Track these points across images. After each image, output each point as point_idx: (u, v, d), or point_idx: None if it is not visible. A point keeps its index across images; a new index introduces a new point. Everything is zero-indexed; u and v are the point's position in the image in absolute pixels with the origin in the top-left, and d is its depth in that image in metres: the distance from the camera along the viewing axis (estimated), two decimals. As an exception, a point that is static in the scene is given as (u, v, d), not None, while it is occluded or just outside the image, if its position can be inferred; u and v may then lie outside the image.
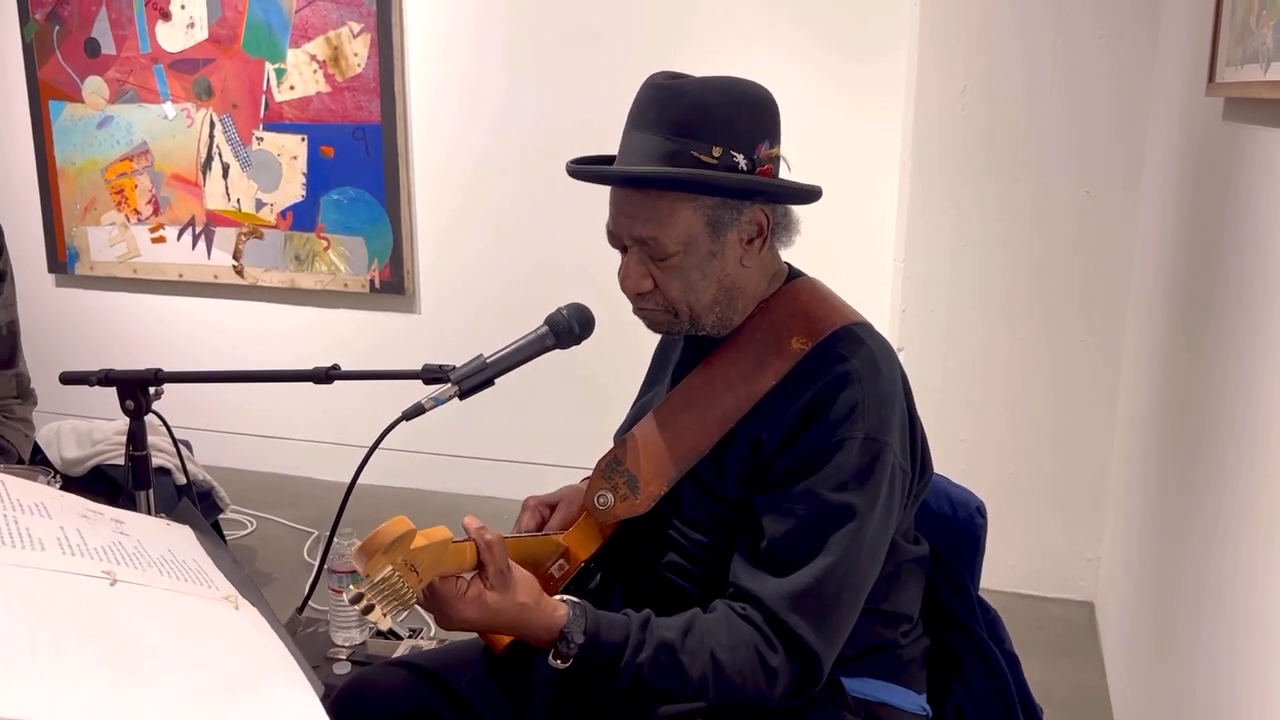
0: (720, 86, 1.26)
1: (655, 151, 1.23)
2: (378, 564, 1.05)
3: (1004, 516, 2.79)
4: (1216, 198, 1.85)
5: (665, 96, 1.24)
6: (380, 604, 1.05)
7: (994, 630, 1.50)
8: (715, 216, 1.25)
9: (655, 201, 1.24)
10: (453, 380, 1.33)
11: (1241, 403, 1.56)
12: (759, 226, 1.29)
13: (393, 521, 1.06)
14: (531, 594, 1.18)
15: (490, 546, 1.15)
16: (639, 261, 1.28)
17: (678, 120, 1.23)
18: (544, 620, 1.18)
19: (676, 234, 1.25)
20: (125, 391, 1.49)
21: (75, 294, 4.16)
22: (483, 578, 1.16)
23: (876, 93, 3.13)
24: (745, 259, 1.30)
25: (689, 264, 1.26)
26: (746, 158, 1.25)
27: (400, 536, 1.05)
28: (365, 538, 1.05)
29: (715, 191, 1.24)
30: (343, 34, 3.53)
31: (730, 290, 1.30)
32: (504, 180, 3.54)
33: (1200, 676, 1.66)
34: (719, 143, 1.23)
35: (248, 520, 3.50)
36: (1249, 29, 1.59)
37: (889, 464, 1.24)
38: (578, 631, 1.17)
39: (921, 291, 2.93)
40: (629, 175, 1.25)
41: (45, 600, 0.88)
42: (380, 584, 1.05)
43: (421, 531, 1.08)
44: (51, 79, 3.93)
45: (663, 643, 1.18)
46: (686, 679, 1.19)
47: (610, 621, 1.20)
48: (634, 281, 1.29)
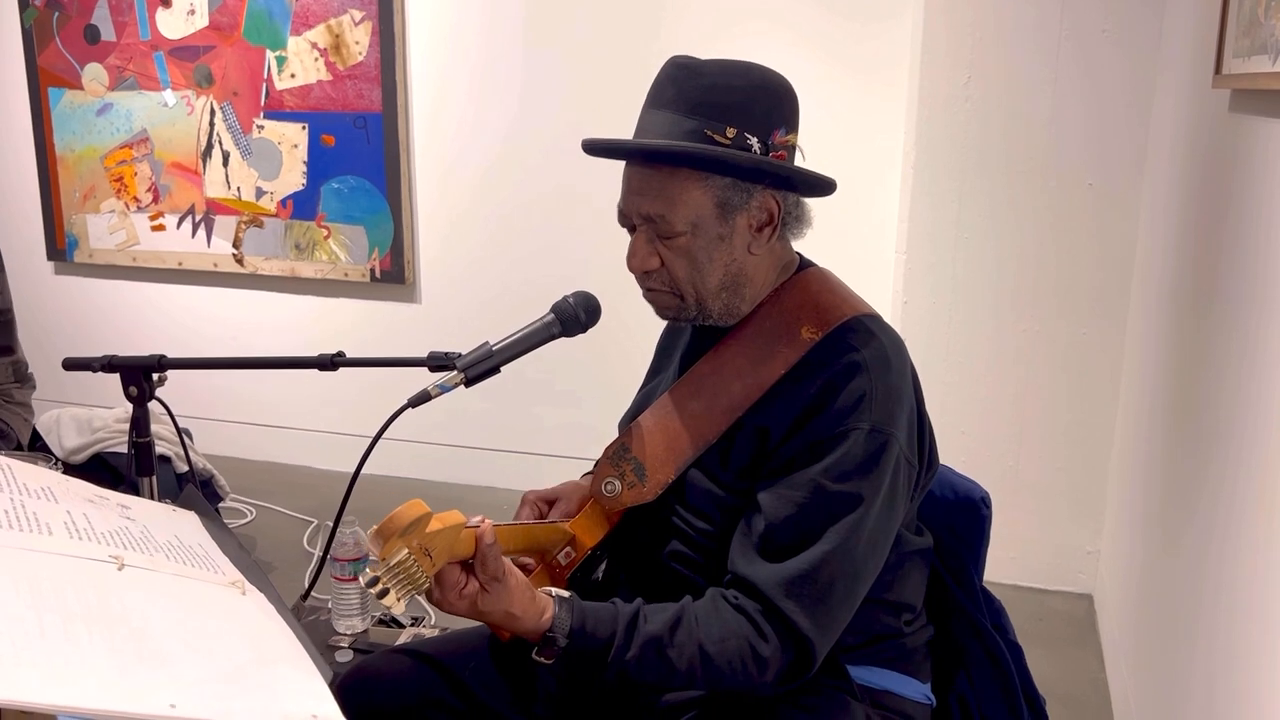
0: (740, 70, 1.27)
1: (671, 129, 1.24)
2: (394, 547, 1.04)
3: (1004, 509, 2.79)
4: (1222, 189, 1.85)
5: (683, 76, 1.25)
6: (395, 588, 1.05)
7: (998, 620, 1.50)
8: (725, 199, 1.25)
9: (666, 179, 1.25)
10: (459, 368, 1.33)
11: (1244, 396, 1.56)
12: (769, 214, 1.29)
13: (409, 505, 1.05)
14: (520, 604, 1.18)
15: (484, 557, 1.15)
16: (647, 240, 1.28)
17: (694, 99, 1.23)
18: (531, 625, 1.19)
19: (685, 213, 1.25)
20: (129, 377, 1.49)
21: (74, 282, 4.15)
22: (476, 580, 1.16)
23: (881, 84, 3.13)
24: (754, 246, 1.30)
25: (696, 245, 1.26)
26: (761, 142, 1.25)
27: (417, 520, 1.04)
28: (381, 521, 1.04)
29: (726, 170, 1.24)
30: (344, 22, 3.51)
31: (738, 277, 1.30)
32: (505, 169, 3.53)
33: (1199, 669, 1.66)
34: (734, 124, 1.23)
35: (247, 509, 3.49)
36: (1257, 20, 1.59)
37: (894, 456, 1.23)
38: (562, 635, 1.18)
39: (924, 283, 2.92)
40: (640, 147, 1.26)
41: (53, 584, 0.88)
42: (395, 567, 1.04)
43: (436, 515, 1.08)
44: (51, 66, 3.91)
45: (650, 639, 1.19)
46: (674, 672, 1.19)
47: (597, 619, 1.19)
48: (640, 259, 1.29)
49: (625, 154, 1.29)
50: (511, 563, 1.20)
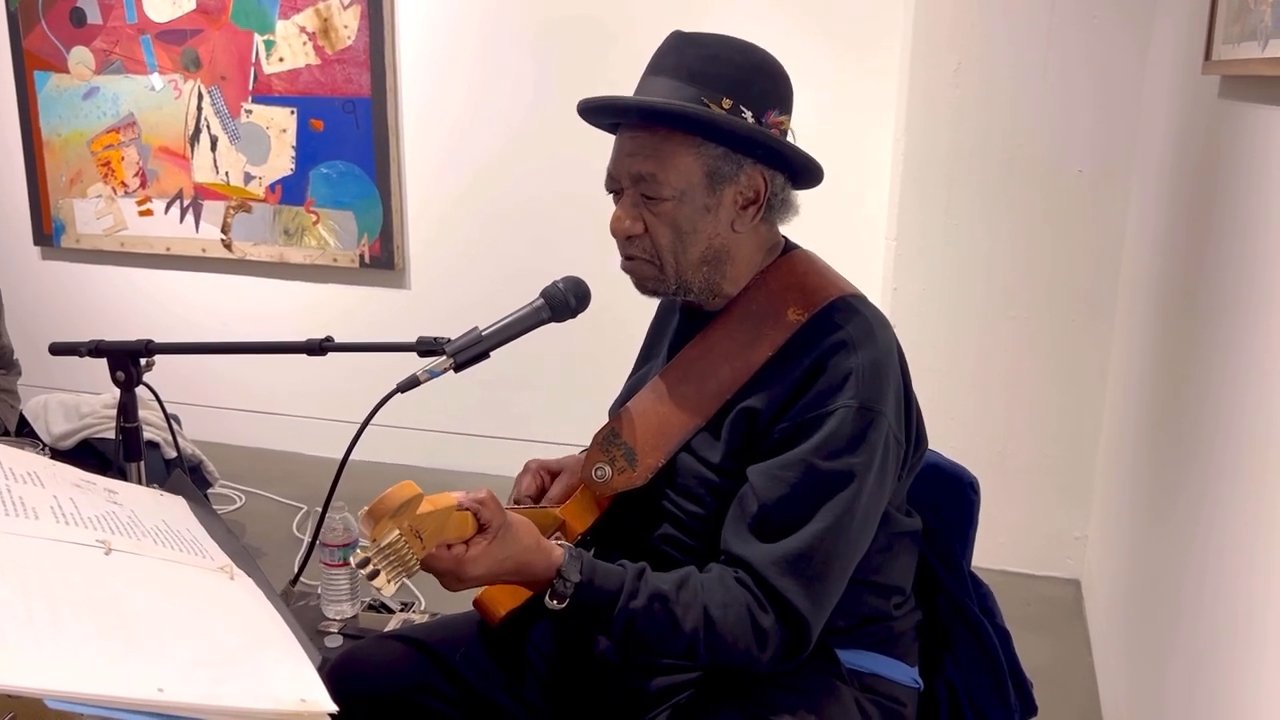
0: (740, 46, 1.29)
1: (669, 93, 1.25)
2: (384, 528, 1.04)
3: (993, 495, 2.80)
4: (1211, 175, 1.85)
5: (685, 44, 1.28)
6: (386, 569, 1.04)
7: (985, 605, 1.51)
8: (715, 168, 1.27)
9: (661, 141, 1.26)
10: (448, 353, 1.33)
11: (1230, 384, 1.56)
12: (756, 191, 1.30)
13: (400, 486, 1.05)
14: (531, 535, 1.18)
15: (484, 503, 1.14)
16: (633, 204, 1.29)
17: (695, 68, 1.25)
18: (544, 560, 1.18)
19: (675, 176, 1.26)
20: (116, 363, 1.48)
21: (61, 267, 4.13)
22: (485, 533, 1.15)
23: (871, 72, 3.12)
24: (738, 223, 1.30)
25: (681, 214, 1.27)
26: (755, 117, 1.26)
27: (407, 501, 1.04)
28: (372, 502, 1.04)
29: (720, 137, 1.25)
30: (332, 6, 3.49)
31: (720, 253, 1.30)
32: (496, 154, 3.52)
33: (1185, 653, 1.67)
34: (731, 95, 1.25)
35: (236, 495, 3.49)
36: (1247, 6, 1.59)
37: (883, 432, 1.24)
38: (574, 571, 1.18)
39: (913, 271, 2.93)
40: (638, 104, 1.27)
41: (41, 569, 0.87)
42: (386, 549, 1.04)
43: (428, 498, 1.08)
44: (37, 49, 3.88)
45: (657, 592, 1.19)
46: (679, 630, 1.19)
47: (606, 569, 1.20)
48: (626, 223, 1.29)
49: (622, 111, 1.29)
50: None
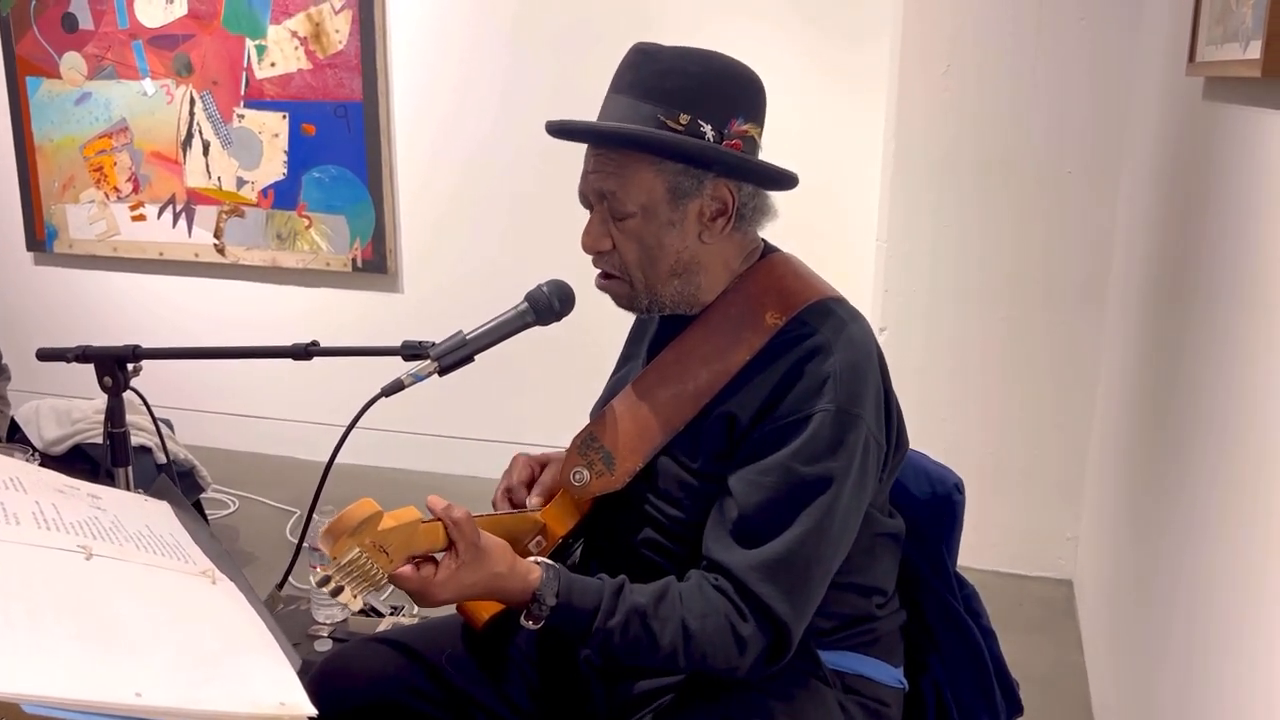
0: (699, 58, 1.28)
1: (627, 113, 1.26)
2: (344, 546, 1.06)
3: (984, 495, 2.82)
4: (1196, 176, 1.86)
5: (643, 61, 1.27)
6: (350, 585, 1.06)
7: (971, 605, 1.51)
8: (676, 184, 1.27)
9: (622, 160, 1.27)
10: (432, 357, 1.33)
11: (1220, 384, 1.57)
12: (723, 204, 1.30)
13: (359, 504, 1.06)
14: (505, 561, 1.19)
15: (458, 524, 1.15)
16: (601, 220, 1.30)
17: (650, 84, 1.25)
18: (518, 584, 1.19)
19: (636, 193, 1.27)
20: (103, 368, 1.49)
21: (54, 272, 4.13)
22: (455, 555, 1.16)
23: (860, 74, 3.13)
24: (706, 235, 1.30)
25: (646, 230, 1.28)
26: (715, 129, 1.26)
27: (367, 519, 1.06)
28: (330, 520, 1.06)
29: (673, 155, 1.26)
30: (324, 10, 3.49)
31: (690, 265, 1.31)
32: (488, 157, 3.52)
33: (1176, 653, 1.68)
34: (688, 110, 1.25)
35: (230, 500, 3.49)
36: (1229, 8, 1.60)
37: (862, 436, 1.24)
38: (550, 594, 1.18)
39: (904, 272, 2.93)
40: (590, 128, 1.28)
41: (20, 574, 0.88)
42: (347, 566, 1.06)
43: (390, 513, 1.09)
44: (28, 55, 3.88)
45: (634, 609, 1.19)
46: (657, 645, 1.19)
47: (584, 586, 1.21)
48: (593, 240, 1.31)
49: (580, 135, 1.30)
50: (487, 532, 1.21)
